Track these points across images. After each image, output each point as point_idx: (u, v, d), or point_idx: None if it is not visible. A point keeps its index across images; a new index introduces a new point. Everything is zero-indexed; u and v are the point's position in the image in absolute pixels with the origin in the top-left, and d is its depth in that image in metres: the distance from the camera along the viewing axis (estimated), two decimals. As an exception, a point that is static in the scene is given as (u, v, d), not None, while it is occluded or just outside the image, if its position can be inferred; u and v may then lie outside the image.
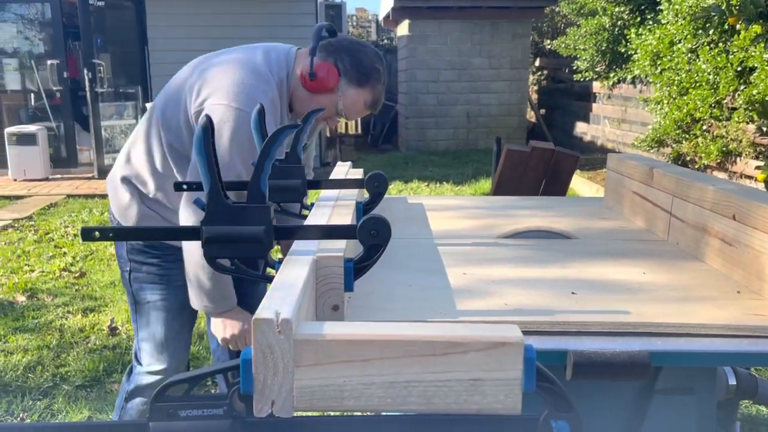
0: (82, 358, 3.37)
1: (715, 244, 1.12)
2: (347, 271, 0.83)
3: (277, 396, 0.62)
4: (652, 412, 1.01)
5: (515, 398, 0.63)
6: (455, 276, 1.04)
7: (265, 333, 0.62)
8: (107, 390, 3.11)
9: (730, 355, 0.83)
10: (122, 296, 4.16)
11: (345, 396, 0.63)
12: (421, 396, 0.63)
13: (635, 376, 0.80)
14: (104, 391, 3.10)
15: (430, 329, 0.64)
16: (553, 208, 1.61)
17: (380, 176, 1.20)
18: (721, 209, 1.11)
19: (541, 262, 1.14)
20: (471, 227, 1.39)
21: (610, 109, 8.94)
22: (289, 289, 0.69)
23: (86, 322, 3.69)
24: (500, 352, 0.62)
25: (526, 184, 2.18)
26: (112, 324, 3.75)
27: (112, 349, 3.50)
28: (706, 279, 1.05)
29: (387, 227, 0.83)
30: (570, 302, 0.93)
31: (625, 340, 0.84)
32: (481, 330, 0.63)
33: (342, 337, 0.62)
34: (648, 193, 1.40)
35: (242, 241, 0.82)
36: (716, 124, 5.84)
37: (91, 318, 3.74)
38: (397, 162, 9.13)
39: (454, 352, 0.62)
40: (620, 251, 1.22)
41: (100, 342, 3.56)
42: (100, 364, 3.30)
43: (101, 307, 4.04)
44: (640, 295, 0.97)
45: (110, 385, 3.16)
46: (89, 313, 3.97)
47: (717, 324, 0.85)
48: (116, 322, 3.84)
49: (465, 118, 10.09)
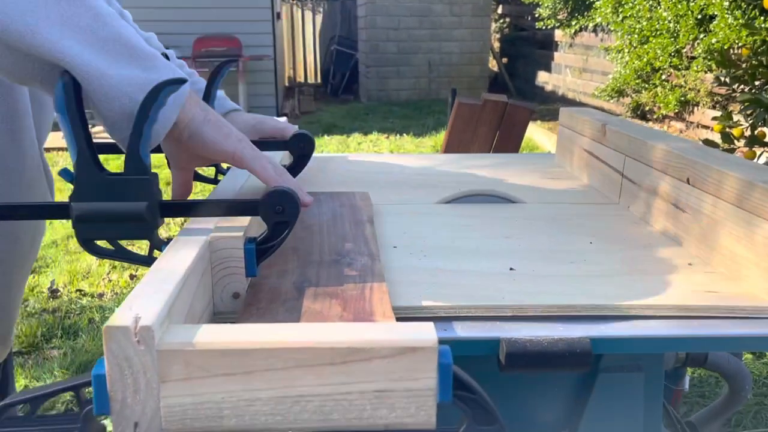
0: (20, 323, 3.21)
1: (667, 210, 1.04)
2: (248, 254, 0.72)
3: (140, 417, 0.51)
4: (597, 391, 0.94)
5: (429, 411, 0.53)
6: (383, 249, 0.94)
7: (120, 343, 0.50)
8: (45, 357, 2.97)
9: (680, 341, 0.75)
10: (64, 256, 3.97)
11: (225, 415, 0.52)
12: (318, 412, 0.53)
13: (576, 366, 0.71)
14: (42, 358, 2.96)
15: (325, 333, 0.53)
16: (503, 167, 1.50)
17: (305, 136, 1.07)
18: (674, 171, 1.02)
19: (480, 231, 1.04)
20: (411, 191, 1.28)
21: (572, 58, 8.85)
22: (161, 282, 0.58)
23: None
24: (410, 358, 0.52)
25: (479, 140, 2.07)
26: (53, 286, 3.58)
27: (51, 312, 3.34)
28: (656, 249, 0.97)
29: (294, 202, 0.72)
30: (508, 280, 0.84)
31: (566, 325, 0.75)
32: (386, 332, 0.53)
33: (218, 345, 0.51)
34: (600, 152, 1.30)
35: (121, 220, 0.70)
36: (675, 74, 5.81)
37: (30, 280, 3.56)
38: (357, 113, 8.94)
39: (354, 359, 0.52)
40: (567, 216, 1.12)
41: (39, 305, 3.40)
42: (38, 329, 3.15)
43: (41, 268, 3.85)
44: (585, 269, 0.88)
45: (49, 351, 3.02)
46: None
47: (666, 305, 0.77)
48: (57, 284, 3.67)
49: (427, 67, 9.88)
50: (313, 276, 0.77)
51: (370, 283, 0.75)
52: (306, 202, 0.83)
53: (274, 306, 0.69)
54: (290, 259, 0.83)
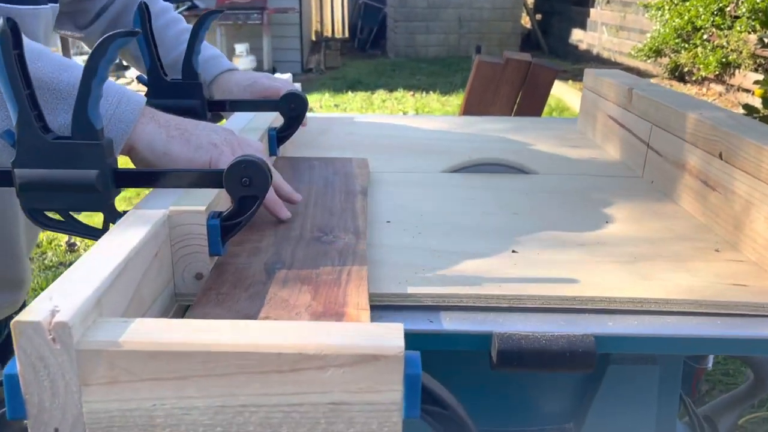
0: (37, 276, 3.23)
1: (695, 186, 0.93)
2: (212, 231, 0.64)
3: (60, 423, 0.45)
4: (606, 384, 0.86)
5: (393, 428, 0.45)
6: (375, 224, 0.86)
7: (32, 341, 0.43)
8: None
9: (699, 341, 0.66)
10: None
11: (157, 424, 0.45)
12: (264, 424, 0.45)
13: (578, 367, 0.63)
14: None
15: (273, 334, 0.45)
16: (521, 132, 1.40)
17: (296, 96, 0.98)
18: (705, 144, 0.91)
19: (484, 205, 0.95)
20: (416, 157, 1.19)
21: (609, 15, 8.50)
22: (93, 268, 0.50)
23: (43, 237, 3.53)
24: (371, 367, 0.44)
25: (500, 101, 1.95)
26: (70, 239, 3.59)
27: (68, 266, 3.34)
28: (680, 231, 0.87)
29: (263, 173, 0.63)
30: (508, 264, 0.75)
31: (568, 319, 0.66)
32: (344, 336, 0.45)
33: (146, 346, 0.44)
34: (625, 118, 1.19)
35: (69, 189, 0.62)
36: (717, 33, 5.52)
37: (48, 233, 3.57)
38: (383, 69, 8.75)
39: (306, 367, 0.44)
40: (584, 190, 1.02)
41: (56, 259, 3.41)
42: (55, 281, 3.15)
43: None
44: (598, 253, 0.79)
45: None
46: (46, 228, 3.79)
47: (686, 299, 0.68)
48: (75, 237, 3.67)
49: (456, 23, 9.59)
50: (287, 256, 0.70)
51: (349, 267, 0.67)
52: (293, 199, 0.83)
53: (236, 291, 0.62)
54: (267, 234, 0.75)
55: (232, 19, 7.40)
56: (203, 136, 0.74)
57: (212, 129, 0.76)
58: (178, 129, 0.73)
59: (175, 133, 0.73)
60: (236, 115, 1.07)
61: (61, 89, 0.66)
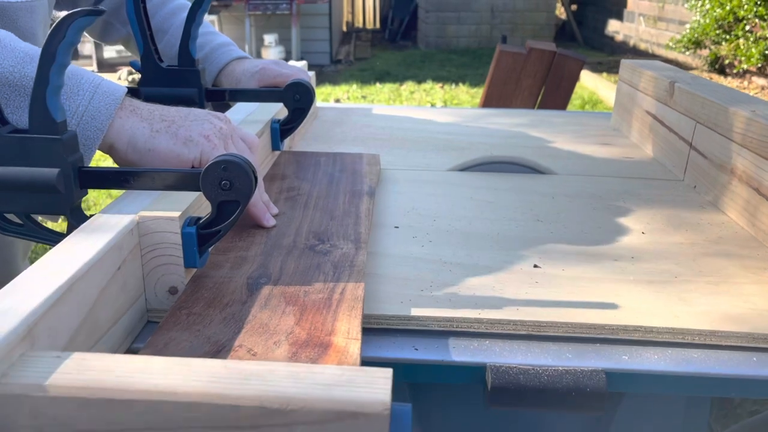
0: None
1: (745, 194, 0.83)
2: (187, 239, 0.56)
3: (-23, 477, 0.37)
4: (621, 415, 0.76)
5: (375, 498, 0.37)
6: (382, 230, 0.77)
7: (-61, 382, 0.36)
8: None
9: (739, 382, 0.55)
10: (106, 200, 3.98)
11: (92, 482, 0.38)
12: (218, 487, 0.37)
13: (584, 409, 0.54)
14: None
15: (231, 380, 0.37)
16: (547, 127, 1.30)
17: (301, 85, 0.90)
18: (757, 146, 0.81)
19: (504, 210, 0.85)
20: (433, 153, 1.09)
21: (647, 6, 8.24)
22: (29, 288, 0.43)
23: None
24: (348, 426, 0.36)
25: (522, 93, 1.84)
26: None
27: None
28: (727, 245, 0.77)
29: (246, 176, 0.55)
30: (529, 282, 0.66)
31: (577, 350, 0.57)
32: (317, 384, 0.37)
33: (77, 391, 0.36)
34: (665, 115, 1.08)
35: (28, 190, 0.55)
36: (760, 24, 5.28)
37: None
38: (413, 60, 8.63)
39: (268, 424, 0.36)
40: (617, 194, 0.92)
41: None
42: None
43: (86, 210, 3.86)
44: (630, 270, 0.69)
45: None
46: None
47: (734, 332, 0.58)
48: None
49: (489, 13, 9.41)
50: (275, 268, 0.61)
51: (344, 283, 0.59)
52: (265, 224, 0.72)
53: (210, 312, 0.54)
54: (257, 241, 0.67)
55: (261, 9, 7.34)
56: (193, 127, 0.66)
57: (204, 118, 0.68)
58: (164, 121, 0.65)
59: (160, 126, 0.65)
60: (239, 106, 0.99)
61: (25, 84, 0.58)
